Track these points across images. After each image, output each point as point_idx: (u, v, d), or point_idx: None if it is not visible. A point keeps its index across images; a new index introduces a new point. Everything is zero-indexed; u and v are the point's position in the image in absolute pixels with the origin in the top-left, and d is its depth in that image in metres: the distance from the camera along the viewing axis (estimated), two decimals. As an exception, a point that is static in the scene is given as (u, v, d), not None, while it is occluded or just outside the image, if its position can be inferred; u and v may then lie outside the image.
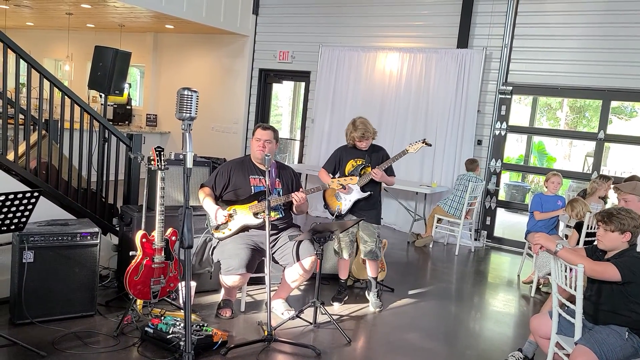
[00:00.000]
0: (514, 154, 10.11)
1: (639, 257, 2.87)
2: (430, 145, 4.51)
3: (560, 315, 3.04)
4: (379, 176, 4.25)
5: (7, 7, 8.86)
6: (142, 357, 3.26)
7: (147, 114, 10.42)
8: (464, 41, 7.31)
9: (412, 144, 4.36)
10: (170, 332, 3.31)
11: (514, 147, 10.14)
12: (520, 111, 9.28)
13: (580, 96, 7.75)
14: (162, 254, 3.62)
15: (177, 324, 3.39)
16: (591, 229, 4.70)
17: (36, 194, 3.09)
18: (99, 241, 3.73)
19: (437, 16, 7.63)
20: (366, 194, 4.34)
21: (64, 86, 4.32)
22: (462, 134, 7.31)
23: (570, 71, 6.78)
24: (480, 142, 7.35)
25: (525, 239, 5.71)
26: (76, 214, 4.26)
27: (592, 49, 6.65)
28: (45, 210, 3.92)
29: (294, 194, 3.92)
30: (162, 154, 3.59)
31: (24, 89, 4.08)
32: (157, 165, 3.56)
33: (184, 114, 2.75)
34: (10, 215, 3.04)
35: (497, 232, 7.48)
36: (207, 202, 3.91)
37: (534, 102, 9.38)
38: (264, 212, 3.75)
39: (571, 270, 2.89)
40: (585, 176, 7.18)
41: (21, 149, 4.10)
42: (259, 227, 3.86)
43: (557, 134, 9.49)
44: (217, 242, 3.98)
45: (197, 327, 3.39)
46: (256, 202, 3.89)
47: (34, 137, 4.27)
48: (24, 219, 3.13)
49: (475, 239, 7.17)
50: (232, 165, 4.08)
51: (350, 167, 4.39)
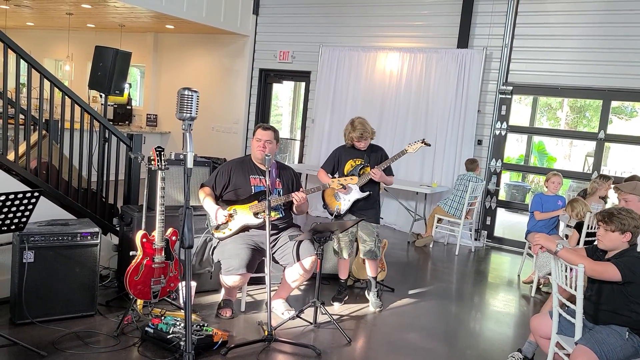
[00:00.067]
0: (514, 154, 10.10)
1: (639, 257, 2.87)
2: (429, 145, 4.50)
3: (560, 315, 3.04)
4: (378, 176, 4.25)
5: (8, 7, 8.86)
6: (142, 357, 3.26)
7: (147, 114, 10.42)
8: (464, 41, 7.31)
9: (411, 144, 4.36)
10: (170, 332, 3.31)
11: (514, 147, 10.13)
12: (520, 111, 9.27)
13: (580, 96, 7.75)
14: (163, 254, 3.62)
15: (178, 323, 3.40)
16: (591, 229, 4.70)
17: (36, 194, 3.09)
18: (99, 241, 3.73)
19: (438, 16, 7.62)
20: (365, 193, 4.33)
21: (64, 86, 4.32)
22: (463, 134, 7.31)
23: (570, 71, 6.77)
24: (480, 142, 7.35)
25: (525, 238, 5.71)
26: (76, 214, 4.26)
27: (592, 49, 6.65)
28: (45, 210, 3.92)
29: (294, 193, 3.92)
30: (162, 154, 3.60)
31: (25, 89, 4.08)
32: (158, 165, 3.56)
33: (185, 114, 2.75)
34: (10, 215, 3.04)
35: (497, 232, 7.48)
36: (208, 202, 3.90)
37: (534, 102, 9.38)
38: (264, 212, 3.75)
39: (571, 270, 2.89)
40: (585, 176, 7.18)
41: (21, 149, 4.10)
42: (259, 227, 3.86)
43: (557, 134, 9.47)
44: (218, 242, 3.97)
45: (198, 327, 3.39)
46: (256, 202, 3.89)
47: (34, 137, 4.27)
48: (24, 219, 3.14)
49: (475, 239, 7.17)
50: (233, 165, 4.07)
51: (349, 167, 4.39)
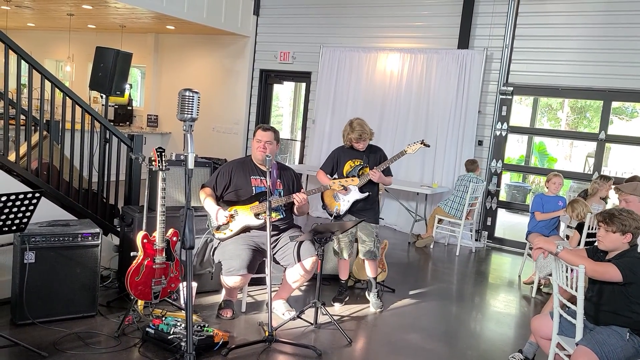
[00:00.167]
0: (514, 155, 10.11)
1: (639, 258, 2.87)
2: (428, 146, 4.47)
3: (561, 316, 3.04)
4: (377, 177, 4.25)
5: (9, 8, 8.87)
6: (143, 357, 3.26)
7: (148, 115, 10.43)
8: (464, 42, 7.31)
9: (411, 145, 4.35)
10: (171, 332, 3.31)
11: (515, 148, 10.14)
12: (521, 112, 9.28)
13: (581, 97, 7.75)
14: (163, 255, 3.62)
15: (178, 324, 3.40)
16: (592, 229, 4.69)
17: (37, 194, 3.10)
18: (100, 242, 3.73)
19: (438, 17, 7.63)
20: (364, 194, 4.33)
21: (65, 87, 4.32)
22: (463, 135, 7.31)
23: (571, 72, 6.77)
24: (481, 143, 7.35)
25: (526, 239, 5.71)
26: (77, 215, 4.26)
27: (593, 50, 6.65)
28: (46, 211, 3.92)
29: (295, 194, 3.92)
30: (163, 154, 3.60)
31: (26, 90, 4.08)
32: (158, 166, 3.57)
33: (186, 115, 2.75)
34: (11, 216, 3.04)
35: (498, 233, 7.48)
36: (208, 203, 3.90)
37: (535, 102, 9.39)
38: (265, 212, 3.74)
39: (572, 270, 2.88)
40: (586, 177, 7.19)
41: (22, 149, 4.10)
42: (260, 227, 3.86)
43: (558, 135, 9.46)
44: (218, 242, 3.97)
45: (198, 327, 3.38)
46: (257, 202, 3.89)
47: (35, 138, 4.28)
48: (25, 220, 3.14)
49: (476, 240, 7.17)
50: (233, 165, 4.07)
51: (348, 167, 4.39)
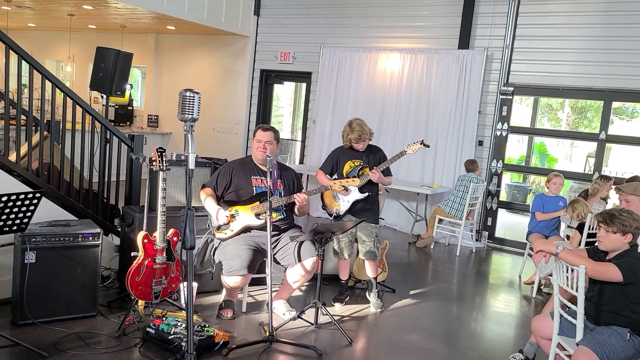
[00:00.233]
0: (515, 155, 10.11)
1: (640, 258, 2.87)
2: (428, 146, 4.46)
3: (561, 316, 3.04)
4: (376, 177, 4.24)
5: (9, 8, 8.88)
6: (143, 357, 3.26)
7: (148, 115, 10.43)
8: (465, 42, 7.31)
9: (410, 145, 4.34)
10: (171, 332, 3.31)
11: (515, 148, 10.14)
12: (521, 112, 9.29)
13: (581, 97, 7.75)
14: (164, 255, 3.62)
15: (179, 324, 3.40)
16: (592, 229, 4.69)
17: (38, 194, 3.10)
18: (100, 242, 3.73)
19: (438, 17, 7.63)
20: (364, 194, 4.33)
21: (66, 87, 4.32)
22: (463, 135, 7.31)
23: (571, 72, 6.77)
24: (481, 143, 7.35)
25: (526, 239, 5.71)
26: (78, 215, 4.27)
27: (593, 50, 6.65)
28: (47, 211, 3.93)
29: (296, 195, 3.92)
30: (163, 154, 3.60)
31: (26, 90, 4.08)
32: (159, 166, 3.57)
33: (186, 116, 2.75)
34: (12, 216, 3.05)
35: (498, 233, 7.48)
36: (209, 203, 3.91)
37: (535, 102, 9.39)
38: (265, 213, 3.75)
39: (572, 271, 2.89)
40: (586, 177, 7.18)
41: (23, 150, 4.10)
42: (261, 227, 3.86)
43: (558, 135, 9.46)
44: (219, 242, 3.97)
45: (199, 327, 3.38)
46: (258, 202, 3.89)
47: (35, 138, 4.28)
48: (26, 220, 3.14)
49: (476, 240, 7.17)
50: (234, 165, 4.08)
51: (347, 168, 4.39)
